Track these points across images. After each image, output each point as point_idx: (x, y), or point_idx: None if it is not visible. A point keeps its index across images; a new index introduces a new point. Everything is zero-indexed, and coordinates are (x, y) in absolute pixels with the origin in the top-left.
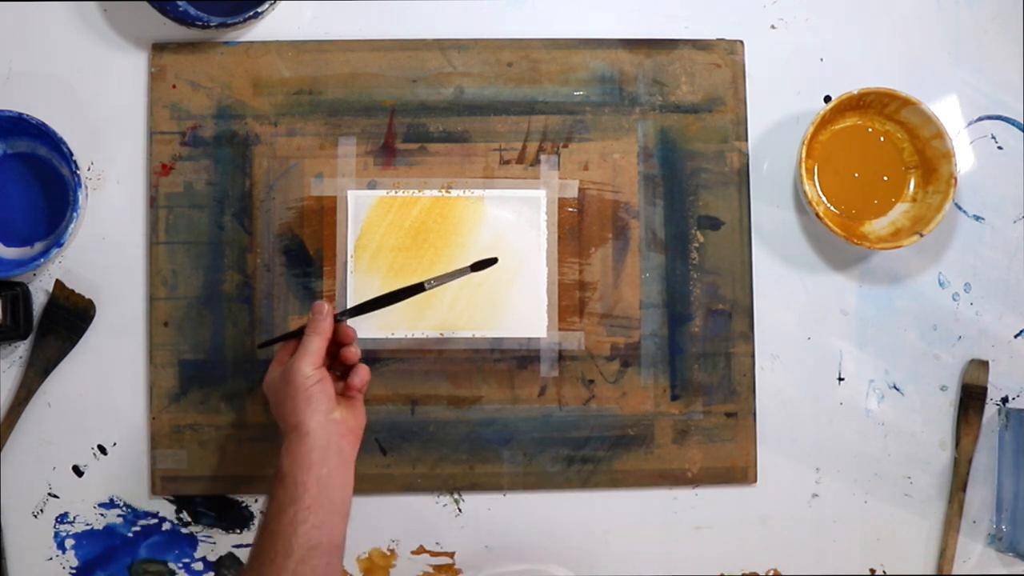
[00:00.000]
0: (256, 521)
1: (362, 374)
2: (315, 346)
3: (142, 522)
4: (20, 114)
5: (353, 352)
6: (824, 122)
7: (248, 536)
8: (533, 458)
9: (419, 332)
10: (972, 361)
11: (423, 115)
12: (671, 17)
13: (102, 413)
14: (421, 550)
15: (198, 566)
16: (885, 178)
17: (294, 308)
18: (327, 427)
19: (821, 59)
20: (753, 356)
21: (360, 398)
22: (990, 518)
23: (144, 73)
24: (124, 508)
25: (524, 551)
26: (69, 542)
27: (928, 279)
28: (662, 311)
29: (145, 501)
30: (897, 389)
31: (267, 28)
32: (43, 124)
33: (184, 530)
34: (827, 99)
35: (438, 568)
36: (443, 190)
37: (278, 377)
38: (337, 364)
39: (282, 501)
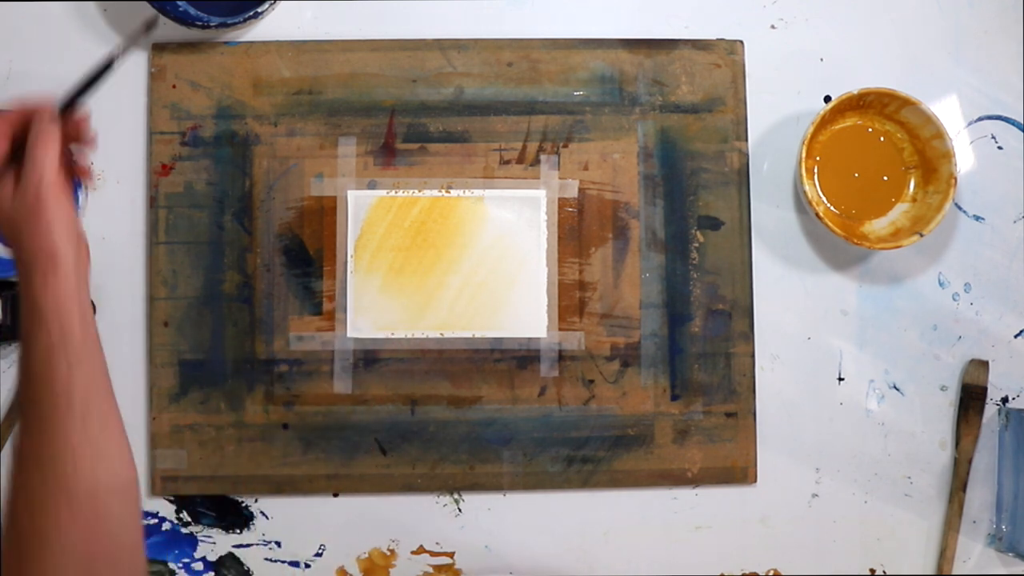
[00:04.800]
0: (257, 525)
1: (87, 153)
2: (51, 154)
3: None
4: None
5: (90, 143)
6: (824, 122)
7: (249, 536)
8: (533, 458)
9: (419, 332)
10: (972, 361)
11: (423, 115)
12: (671, 17)
13: None
14: (421, 550)
15: (198, 566)
16: (885, 178)
17: (294, 308)
18: (76, 247)
19: (821, 59)
20: (753, 356)
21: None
22: (990, 518)
23: (144, 73)
24: None
25: (524, 551)
26: None
27: (928, 279)
28: (662, 311)
29: (145, 501)
30: (897, 389)
31: (267, 28)
32: None
33: (184, 530)
34: (827, 99)
35: (438, 568)
36: (443, 190)
37: (9, 196)
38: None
39: (48, 349)
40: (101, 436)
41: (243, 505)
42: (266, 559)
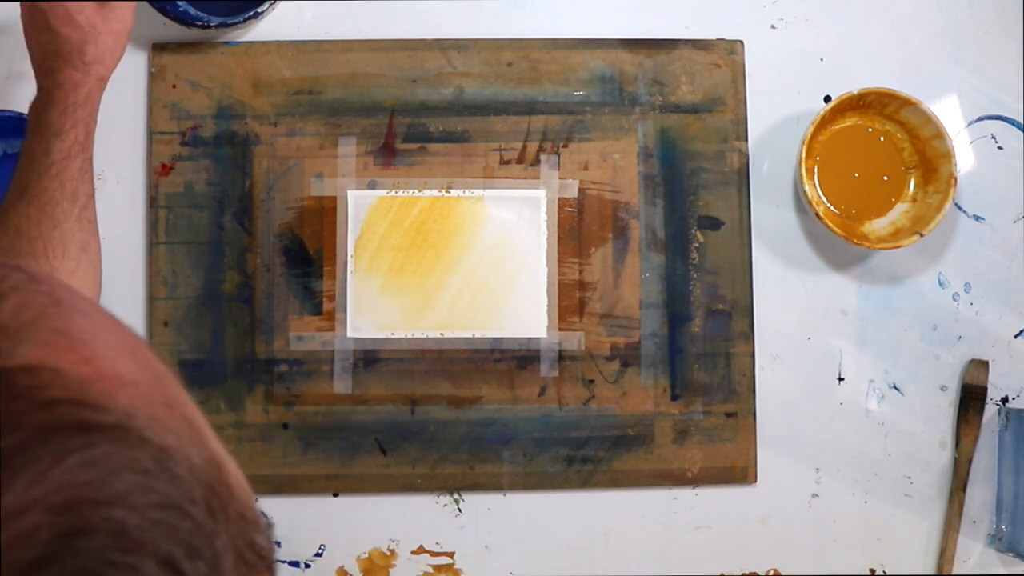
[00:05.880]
0: None
1: None
2: None
3: None
4: (20, 114)
5: None
6: (824, 122)
7: None
8: (533, 458)
9: (419, 332)
10: (972, 361)
11: (423, 115)
12: (671, 17)
13: None
14: (421, 550)
15: None
16: (885, 178)
17: (294, 308)
18: (116, 50)
19: (821, 59)
20: (753, 356)
21: None
22: (990, 518)
23: (144, 73)
24: None
25: (524, 551)
26: None
27: (928, 279)
28: (662, 311)
29: None
30: (897, 389)
31: (267, 28)
32: None
33: None
34: (827, 99)
35: (438, 568)
36: (443, 190)
37: (96, 3)
38: None
39: (71, 146)
40: (91, 237)
41: None
42: None
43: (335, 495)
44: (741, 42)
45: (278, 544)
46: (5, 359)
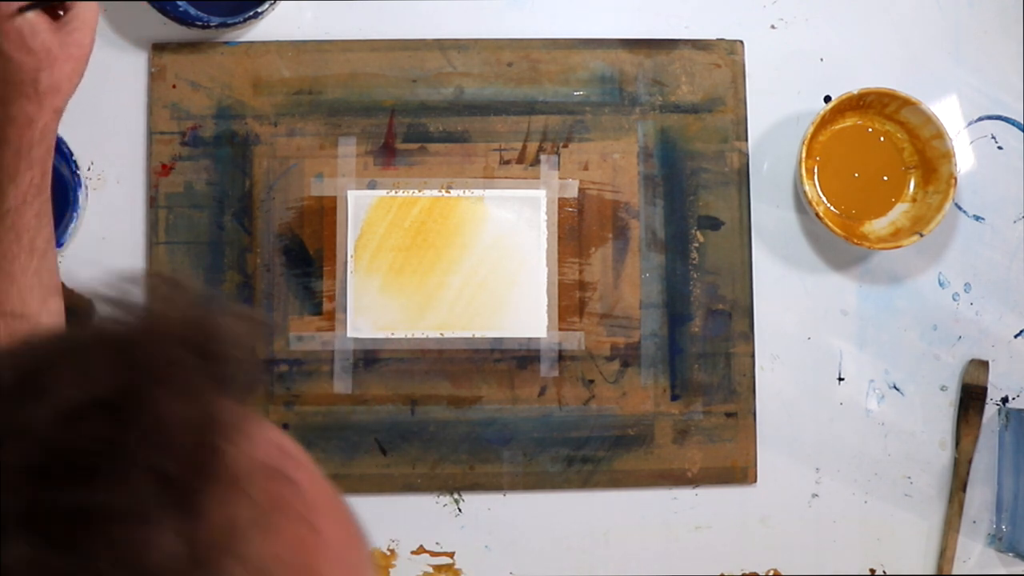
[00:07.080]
0: None
1: None
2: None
3: None
4: None
5: None
6: (824, 122)
7: None
8: (533, 458)
9: (419, 332)
10: (972, 361)
11: (423, 115)
12: (671, 17)
13: None
14: (421, 550)
15: None
16: (885, 178)
17: (294, 308)
18: (74, 77)
19: (821, 59)
20: (753, 356)
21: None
22: (990, 518)
23: (144, 73)
24: None
25: (524, 551)
26: None
27: (928, 279)
28: (662, 311)
29: None
30: (897, 389)
31: (267, 28)
32: None
33: None
34: (827, 99)
35: (438, 568)
36: (443, 190)
37: (48, 29)
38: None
39: (26, 192)
40: (52, 290)
41: None
42: None
43: None
44: (741, 42)
45: None
46: None
